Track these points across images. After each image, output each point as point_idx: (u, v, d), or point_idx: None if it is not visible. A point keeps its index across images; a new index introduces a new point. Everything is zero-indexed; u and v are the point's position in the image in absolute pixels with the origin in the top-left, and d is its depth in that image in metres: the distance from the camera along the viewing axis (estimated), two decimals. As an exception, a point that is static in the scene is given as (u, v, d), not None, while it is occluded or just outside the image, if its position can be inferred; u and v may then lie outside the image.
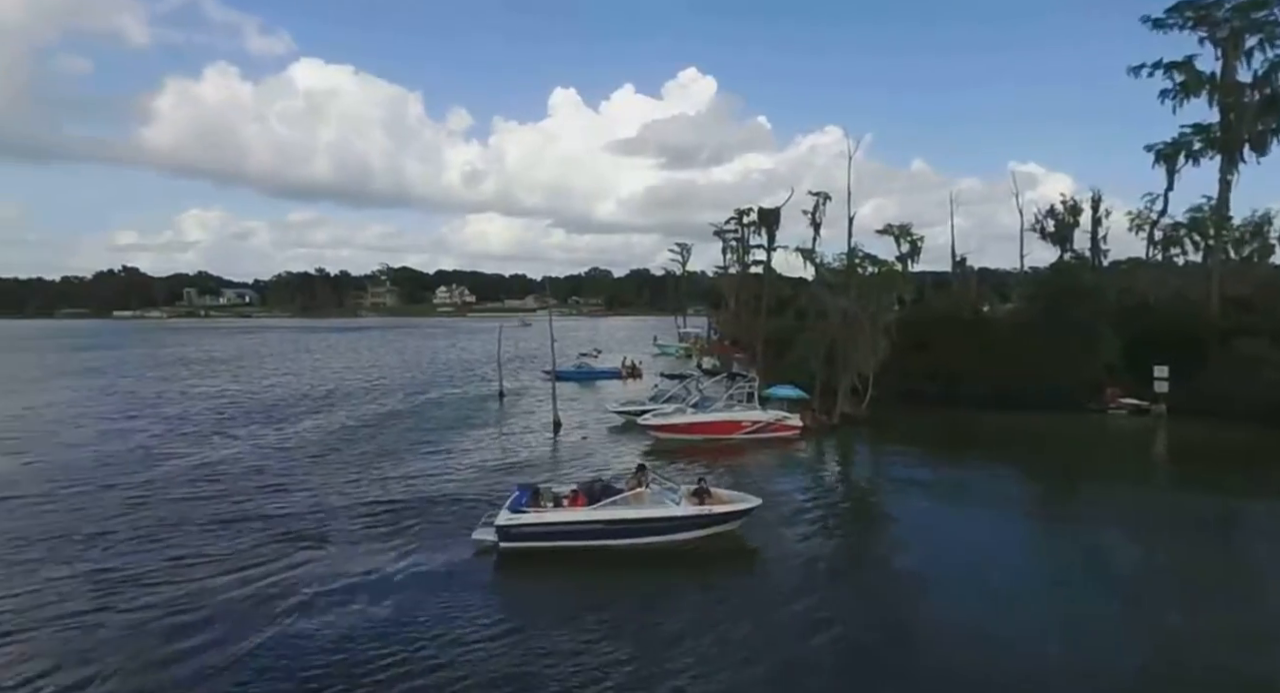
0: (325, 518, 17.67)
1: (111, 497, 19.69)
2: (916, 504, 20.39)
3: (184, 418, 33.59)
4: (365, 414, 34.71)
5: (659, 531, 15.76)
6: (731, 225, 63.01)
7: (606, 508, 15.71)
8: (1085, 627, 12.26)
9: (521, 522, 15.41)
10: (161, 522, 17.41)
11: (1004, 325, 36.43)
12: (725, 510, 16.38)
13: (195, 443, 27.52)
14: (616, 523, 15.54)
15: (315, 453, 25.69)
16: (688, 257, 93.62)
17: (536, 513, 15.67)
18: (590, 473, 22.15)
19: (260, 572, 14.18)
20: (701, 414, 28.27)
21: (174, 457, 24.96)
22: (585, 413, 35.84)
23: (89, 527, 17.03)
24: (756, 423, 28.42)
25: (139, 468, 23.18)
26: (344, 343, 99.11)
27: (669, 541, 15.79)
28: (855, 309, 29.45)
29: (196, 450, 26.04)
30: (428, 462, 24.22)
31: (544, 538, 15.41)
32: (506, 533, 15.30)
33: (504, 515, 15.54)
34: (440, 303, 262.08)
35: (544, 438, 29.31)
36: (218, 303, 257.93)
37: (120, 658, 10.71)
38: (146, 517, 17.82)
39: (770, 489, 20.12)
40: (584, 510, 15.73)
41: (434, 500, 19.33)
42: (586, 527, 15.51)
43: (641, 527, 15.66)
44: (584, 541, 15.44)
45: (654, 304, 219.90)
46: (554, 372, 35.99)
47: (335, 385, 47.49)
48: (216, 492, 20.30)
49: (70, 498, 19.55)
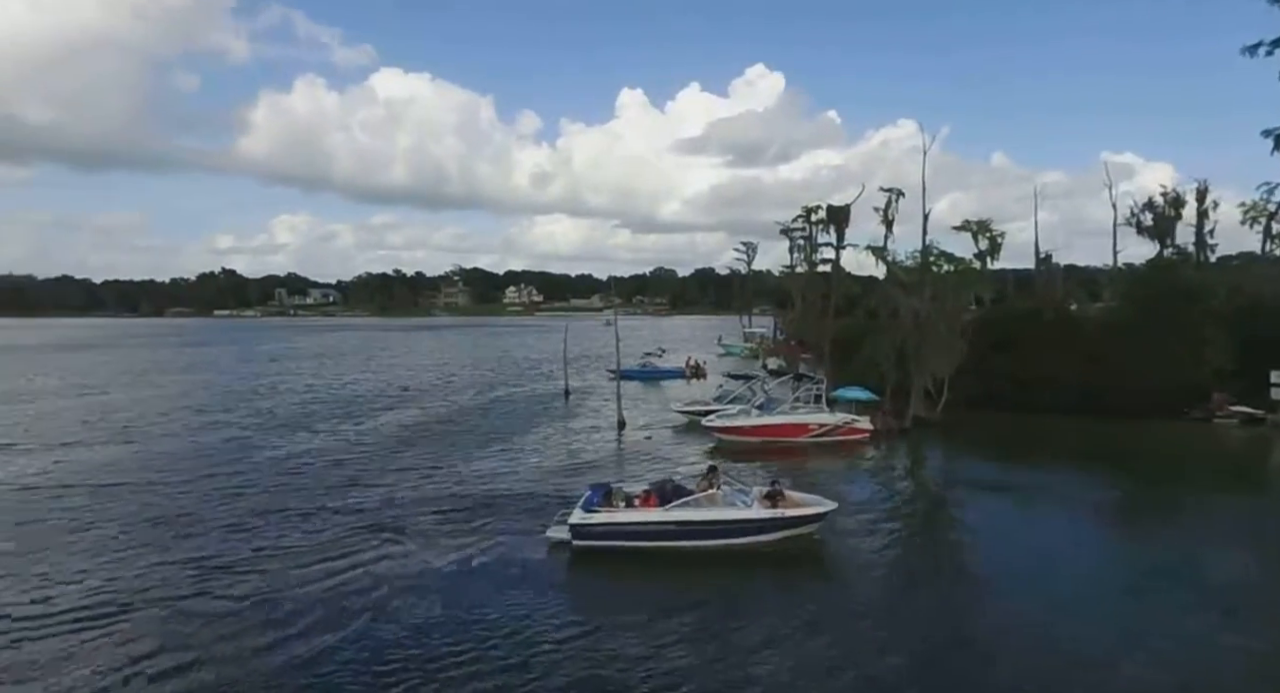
0: (401, 513, 18.28)
1: (206, 486, 21.05)
2: (996, 513, 19.40)
3: (272, 412, 35.63)
4: (437, 411, 35.91)
5: (732, 533, 15.59)
6: (799, 223, 62.01)
7: (679, 509, 15.63)
8: (1179, 645, 11.47)
9: (594, 521, 15.56)
10: (251, 511, 18.48)
11: (1093, 326, 34.13)
12: (800, 514, 16.01)
13: (282, 436, 29.12)
14: (689, 525, 15.45)
15: (391, 448, 26.73)
16: (753, 255, 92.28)
17: (609, 513, 15.79)
18: (657, 473, 22.18)
19: (342, 564, 14.78)
20: (767, 416, 27.76)
21: (263, 449, 26.49)
22: (649, 412, 35.90)
23: (186, 515, 18.24)
24: (824, 426, 27.70)
25: (231, 459, 24.72)
26: (418, 341, 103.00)
27: (742, 544, 15.55)
28: (929, 309, 28.22)
29: (283, 443, 27.56)
30: (496, 460, 24.80)
31: (616, 537, 15.50)
32: (579, 532, 15.48)
33: (577, 514, 15.72)
34: (509, 302, 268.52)
35: (609, 437, 29.53)
36: (305, 302, 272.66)
37: (214, 645, 11.34)
38: (237, 507, 18.96)
39: (840, 494, 19.50)
40: (656, 511, 15.72)
41: (504, 497, 19.74)
42: (659, 528, 15.50)
43: (714, 529, 15.53)
44: (656, 541, 15.45)
45: (718, 304, 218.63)
46: (618, 371, 36.23)
47: (409, 383, 49.35)
48: (300, 484, 21.41)
49: (169, 486, 21.00)
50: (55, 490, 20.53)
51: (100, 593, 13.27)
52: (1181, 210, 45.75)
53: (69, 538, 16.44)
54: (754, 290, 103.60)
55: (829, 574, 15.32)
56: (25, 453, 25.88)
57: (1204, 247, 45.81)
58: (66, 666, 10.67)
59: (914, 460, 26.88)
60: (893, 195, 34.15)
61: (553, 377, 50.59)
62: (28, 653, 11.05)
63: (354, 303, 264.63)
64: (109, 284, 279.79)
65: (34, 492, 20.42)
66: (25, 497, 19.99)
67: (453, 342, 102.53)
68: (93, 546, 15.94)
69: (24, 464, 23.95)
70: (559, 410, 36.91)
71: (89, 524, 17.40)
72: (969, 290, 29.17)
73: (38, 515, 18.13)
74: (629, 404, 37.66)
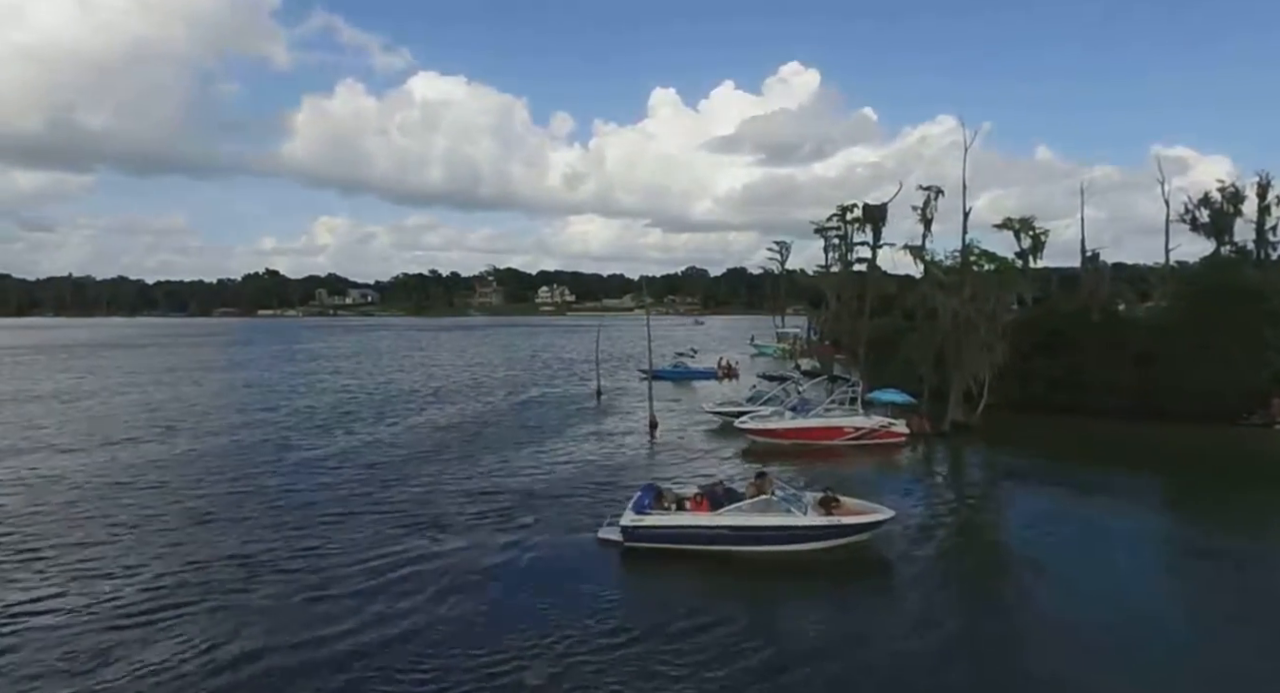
0: (443, 512, 18.39)
1: (249, 483, 21.57)
2: (1042, 520, 18.64)
3: (311, 411, 36.41)
4: (469, 411, 36.23)
5: (785, 539, 15.37)
6: (834, 222, 61.09)
7: (731, 514, 15.45)
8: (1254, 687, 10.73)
9: (646, 524, 15.55)
10: (294, 508, 18.87)
11: (1143, 327, 32.80)
12: (855, 522, 15.63)
13: (320, 435, 29.70)
14: (742, 529, 15.29)
15: (426, 448, 26.98)
16: (787, 255, 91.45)
17: (659, 515, 15.76)
18: (692, 474, 22.09)
19: (387, 562, 14.87)
20: (801, 418, 27.35)
21: (301, 448, 27.03)
22: (682, 413, 35.71)
23: (231, 511, 18.69)
24: (860, 429, 27.18)
25: (272, 457, 25.29)
26: (451, 341, 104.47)
27: (795, 550, 15.32)
28: (969, 309, 27.45)
29: (321, 442, 28.09)
30: (531, 460, 24.73)
31: (667, 540, 15.46)
32: (631, 533, 15.50)
33: (629, 516, 15.74)
34: (542, 302, 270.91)
35: (641, 438, 29.42)
36: (344, 303, 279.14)
37: (265, 640, 11.49)
38: (279, 504, 19.36)
39: (880, 500, 19.15)
40: (708, 515, 15.59)
41: (542, 498, 19.75)
42: (711, 531, 15.34)
43: (767, 534, 15.36)
44: (708, 545, 15.35)
45: (751, 304, 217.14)
46: (650, 371, 36.11)
47: (442, 383, 50.01)
48: (340, 480, 21.81)
49: (212, 483, 21.58)
50: (105, 487, 21.25)
51: (148, 588, 13.60)
52: (1240, 206, 43.70)
53: (117, 533, 16.97)
54: (787, 291, 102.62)
55: (881, 583, 14.93)
56: (73, 452, 26.85)
57: (1265, 244, 43.69)
58: (120, 656, 10.96)
59: (953, 466, 26.19)
60: (931, 193, 33.37)
61: (584, 377, 50.72)
62: (82, 645, 11.38)
63: (391, 303, 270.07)
64: (160, 285, 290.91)
65: (82, 490, 21.09)
66: (76, 495, 20.56)
67: (484, 341, 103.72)
68: (138, 542, 16.41)
69: (73, 461, 24.85)
70: (590, 412, 36.94)
71: (136, 521, 17.92)
72: (1010, 290, 28.23)
73: (87, 512, 18.75)
74: (661, 405, 37.39)
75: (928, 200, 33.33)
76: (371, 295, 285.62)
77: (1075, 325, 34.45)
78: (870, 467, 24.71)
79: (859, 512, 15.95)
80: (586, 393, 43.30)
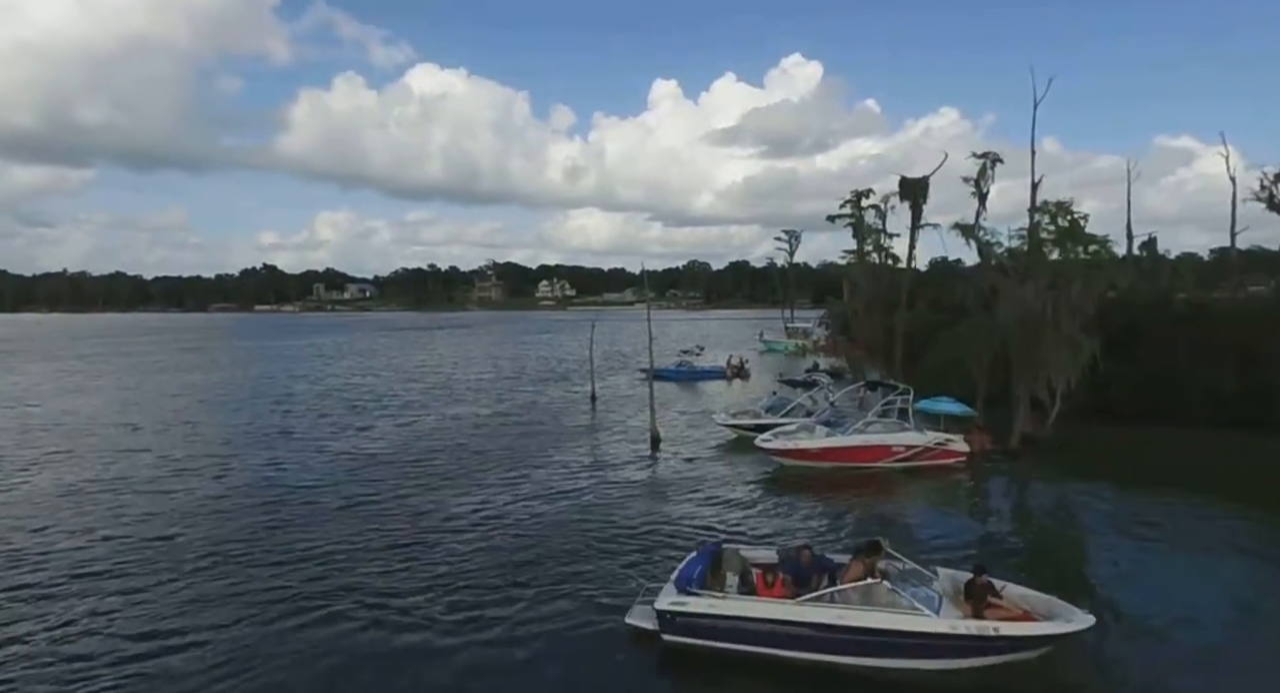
0: (390, 583, 13.34)
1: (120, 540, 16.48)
2: (1184, 579, 13.48)
3: (228, 426, 31.30)
4: (433, 428, 30.77)
5: (906, 652, 9.90)
6: (848, 210, 55.75)
7: (820, 607, 10.16)
8: None
9: (693, 610, 10.41)
10: (143, 574, 13.78)
11: (1244, 319, 27.40)
12: (1025, 634, 9.83)
13: (212, 469, 24.57)
14: (836, 631, 9.99)
15: (370, 481, 21.88)
16: (795, 245, 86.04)
17: (713, 599, 10.55)
18: (713, 510, 17.01)
19: (325, 663, 10.12)
20: (839, 436, 22.05)
21: (229, 496, 21.96)
22: (689, 423, 30.52)
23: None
24: (912, 448, 21.95)
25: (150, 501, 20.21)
26: (445, 339, 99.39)
27: (921, 669, 9.92)
28: (1048, 299, 22.14)
29: (198, 483, 22.99)
30: (503, 498, 19.22)
31: (724, 638, 10.33)
32: (670, 623, 10.48)
33: (667, 595, 10.65)
34: (542, 297, 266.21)
35: (640, 455, 24.27)
36: (342, 298, 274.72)
37: None
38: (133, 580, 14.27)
39: (953, 552, 14.02)
40: (785, 607, 10.31)
41: (518, 558, 14.55)
42: (789, 630, 10.12)
43: (877, 642, 9.90)
44: (783, 650, 10.15)
45: (753, 297, 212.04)
46: (651, 372, 30.85)
47: (411, 390, 44.77)
48: (210, 546, 16.70)
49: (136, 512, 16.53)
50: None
51: None
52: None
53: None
54: (795, 283, 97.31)
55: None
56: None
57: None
58: None
59: (1041, 498, 20.94)
60: (988, 162, 27.89)
61: (579, 378, 45.26)
62: None
63: (389, 297, 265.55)
64: (158, 280, 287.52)
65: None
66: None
67: (479, 338, 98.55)
68: None
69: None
70: (584, 421, 31.73)
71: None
72: (1101, 278, 22.85)
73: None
74: (664, 411, 32.35)
75: (983, 170, 27.85)
76: (370, 290, 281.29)
77: (1156, 319, 29.09)
78: (927, 499, 19.54)
79: (1029, 615, 10.21)
80: (581, 396, 38.14)
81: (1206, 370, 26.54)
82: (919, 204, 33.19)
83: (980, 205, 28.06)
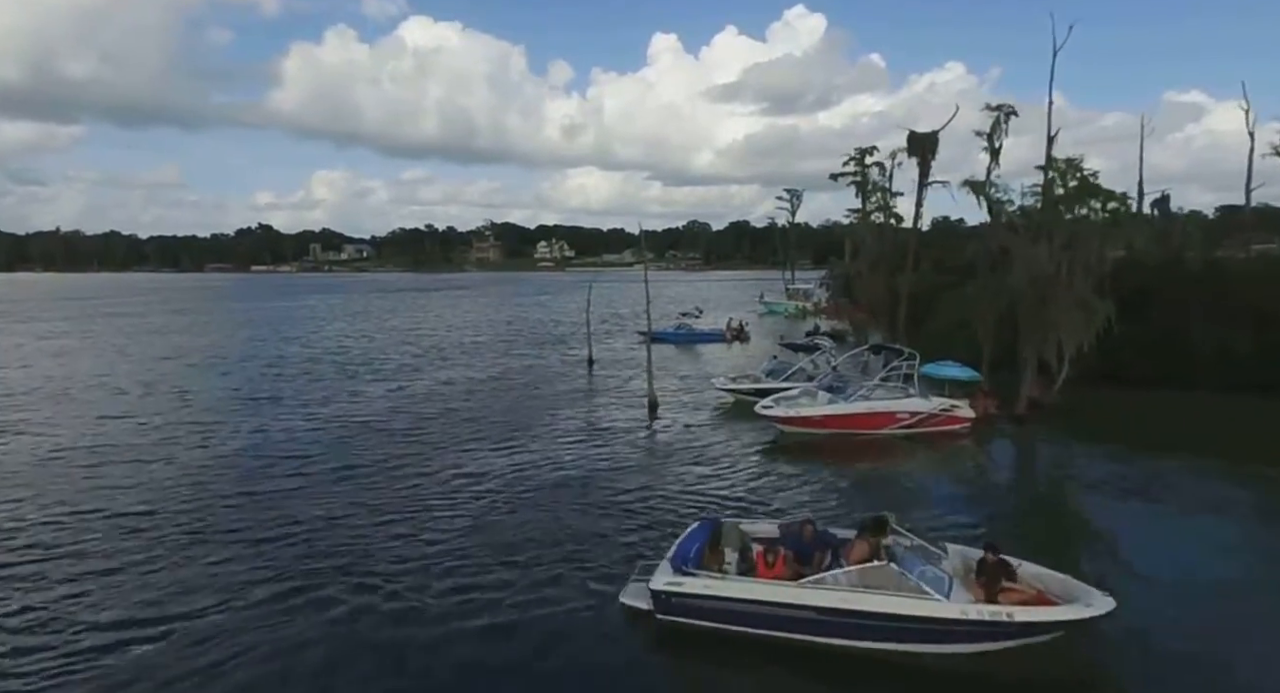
0: (368, 567, 12.78)
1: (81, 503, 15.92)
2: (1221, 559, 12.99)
3: (247, 392, 30.65)
4: (437, 394, 29.88)
5: (912, 636, 9.30)
6: (852, 168, 54.10)
7: (823, 590, 9.53)
8: None
9: (688, 591, 9.89)
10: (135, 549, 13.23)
11: (1263, 279, 26.45)
12: (1039, 620, 9.17)
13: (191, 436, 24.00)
14: (840, 615, 9.39)
15: (365, 447, 21.32)
16: (797, 205, 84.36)
17: (710, 579, 10.00)
18: (712, 478, 16.49)
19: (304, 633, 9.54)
20: (841, 403, 21.40)
21: (227, 478, 21.39)
22: (687, 388, 29.89)
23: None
24: (916, 414, 21.33)
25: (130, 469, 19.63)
26: (443, 300, 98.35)
27: (929, 653, 9.35)
28: (1063, 259, 21.19)
29: (251, 438, 22.41)
30: (499, 466, 18.70)
31: (721, 618, 9.83)
32: (665, 603, 9.98)
33: (663, 574, 10.12)
34: (540, 258, 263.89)
35: (638, 422, 23.68)
36: (338, 258, 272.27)
37: None
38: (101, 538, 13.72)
39: (962, 514, 13.55)
40: (786, 589, 9.70)
41: (513, 531, 14.07)
42: (789, 612, 9.56)
43: (881, 626, 9.30)
44: (783, 632, 9.63)
45: (754, 258, 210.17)
46: (649, 335, 30.02)
47: (414, 356, 44.05)
48: (206, 501, 16.14)
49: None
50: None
51: None
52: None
53: None
54: (796, 243, 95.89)
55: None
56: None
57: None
58: None
59: (1048, 463, 20.46)
60: (1001, 115, 26.49)
61: (577, 342, 44.51)
62: None
63: (386, 258, 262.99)
64: (153, 240, 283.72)
65: None
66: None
67: (474, 299, 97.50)
68: None
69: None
70: (581, 386, 31.11)
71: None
72: (1121, 237, 21.74)
73: None
74: (662, 375, 31.77)
75: (996, 123, 26.47)
76: (367, 250, 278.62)
77: (1169, 279, 28.16)
78: (932, 468, 19.03)
79: (1046, 598, 9.51)
80: (578, 359, 37.45)
81: (1220, 332, 25.80)
82: (927, 160, 31.83)
83: (992, 160, 26.84)
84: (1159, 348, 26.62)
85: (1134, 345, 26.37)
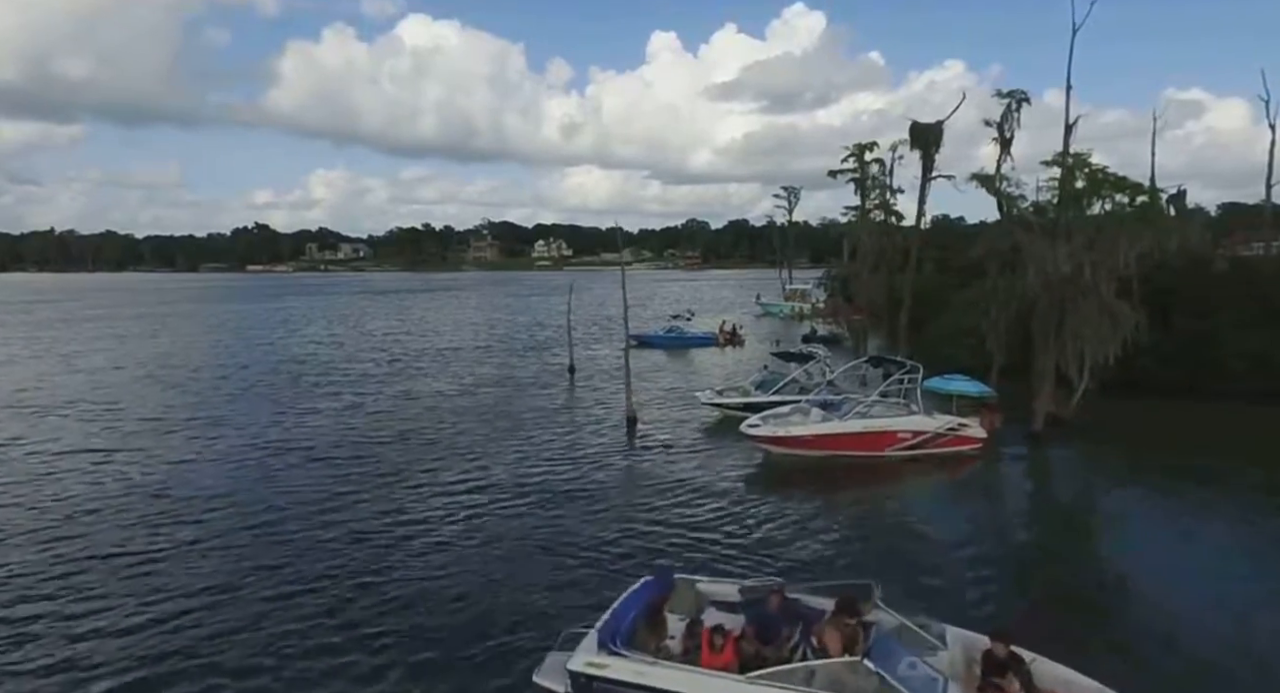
0: (290, 628, 10.61)
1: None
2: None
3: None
4: (398, 411, 27.40)
5: None
6: (851, 164, 51.89)
7: (779, 684, 7.30)
8: None
9: (611, 676, 7.69)
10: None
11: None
12: None
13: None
14: None
15: (319, 473, 19.08)
16: (795, 203, 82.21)
17: (640, 664, 7.73)
18: (693, 512, 14.33)
19: None
20: (836, 421, 19.13)
21: (124, 523, 19.10)
22: (672, 400, 27.65)
23: None
24: (920, 434, 19.07)
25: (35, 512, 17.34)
26: (432, 302, 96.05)
27: None
28: (1085, 261, 18.93)
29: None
30: (460, 491, 16.74)
31: None
32: (585, 688, 7.79)
33: (584, 652, 7.96)
34: (538, 257, 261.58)
35: (614, 443, 21.44)
36: (335, 258, 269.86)
37: None
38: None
39: (970, 555, 11.33)
40: (729, 685, 7.44)
41: (449, 580, 11.99)
42: None
43: None
44: None
45: (753, 257, 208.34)
46: (628, 343, 27.69)
47: (385, 365, 41.80)
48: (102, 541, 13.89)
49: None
50: None
51: None
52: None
53: None
54: (795, 242, 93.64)
55: None
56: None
57: None
58: None
59: (1070, 489, 18.26)
60: (1012, 103, 24.19)
61: (558, 349, 42.10)
62: None
63: (383, 258, 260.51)
64: (150, 239, 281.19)
65: None
66: None
67: (463, 301, 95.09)
68: None
69: None
70: (559, 398, 28.83)
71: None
72: (1145, 237, 19.43)
73: None
74: (646, 385, 29.72)
75: (1007, 111, 24.18)
76: (364, 250, 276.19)
77: (1193, 281, 25.94)
78: (936, 497, 16.94)
79: None
80: (560, 367, 35.16)
81: (1253, 337, 23.62)
82: (931, 153, 29.52)
83: (1003, 152, 24.55)
84: (1184, 355, 24.48)
85: (1155, 352, 24.15)
